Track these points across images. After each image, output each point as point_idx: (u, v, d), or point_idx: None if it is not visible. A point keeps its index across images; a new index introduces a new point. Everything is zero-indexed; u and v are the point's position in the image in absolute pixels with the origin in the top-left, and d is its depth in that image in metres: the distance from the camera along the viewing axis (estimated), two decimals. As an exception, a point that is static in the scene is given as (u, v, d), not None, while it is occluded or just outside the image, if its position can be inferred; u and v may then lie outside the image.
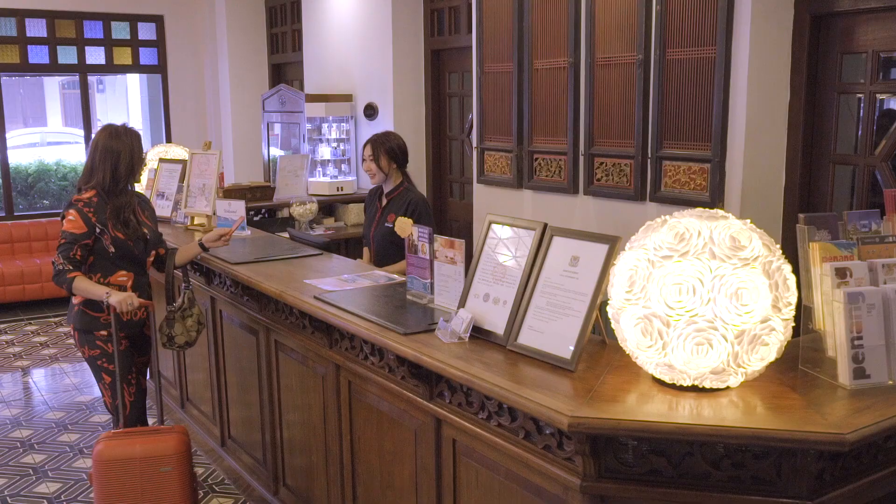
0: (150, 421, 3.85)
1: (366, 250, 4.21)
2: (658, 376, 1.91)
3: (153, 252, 3.43)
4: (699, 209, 1.92)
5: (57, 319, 7.05)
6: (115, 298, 3.07)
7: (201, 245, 3.54)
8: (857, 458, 1.81)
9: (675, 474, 1.80)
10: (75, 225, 3.12)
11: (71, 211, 3.13)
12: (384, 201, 4.15)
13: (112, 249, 3.20)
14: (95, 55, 8.31)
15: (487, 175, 5.03)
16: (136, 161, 3.25)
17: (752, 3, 3.45)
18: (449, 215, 6.25)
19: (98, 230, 3.15)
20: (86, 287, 3.11)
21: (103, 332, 3.28)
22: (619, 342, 1.98)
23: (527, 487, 2.06)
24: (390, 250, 4.01)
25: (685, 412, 1.78)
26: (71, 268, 3.11)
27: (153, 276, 3.67)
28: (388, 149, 4.13)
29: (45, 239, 7.74)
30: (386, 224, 4.09)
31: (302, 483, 3.34)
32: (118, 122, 3.41)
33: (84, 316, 3.28)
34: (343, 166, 6.69)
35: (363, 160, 4.16)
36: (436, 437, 2.39)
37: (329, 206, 6.38)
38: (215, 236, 3.50)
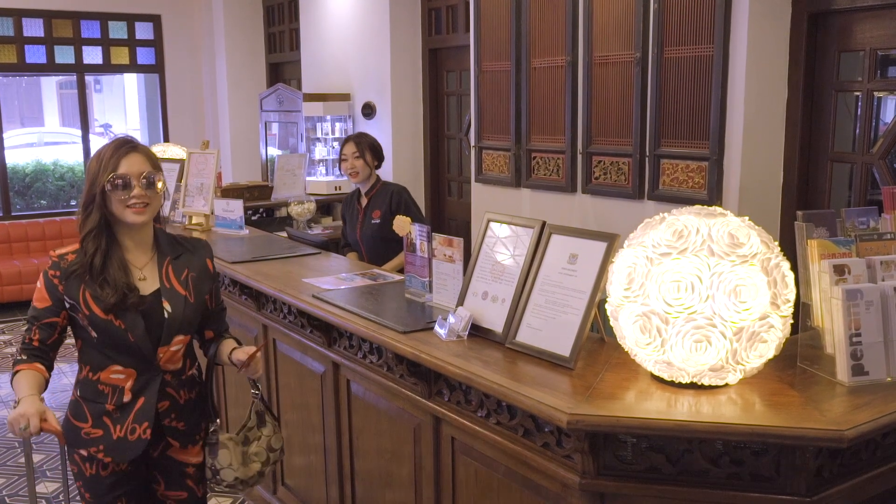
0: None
1: (354, 254, 4.20)
2: (657, 373, 1.91)
3: (181, 337, 2.23)
4: (697, 206, 1.92)
5: (55, 319, 7.04)
6: (13, 414, 2.10)
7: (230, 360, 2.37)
8: (855, 455, 1.81)
9: (674, 471, 1.80)
10: (39, 295, 2.19)
11: (41, 274, 2.21)
12: (364, 201, 4.15)
13: (93, 333, 2.14)
14: (93, 55, 8.30)
15: (485, 174, 5.03)
16: (99, 172, 2.12)
17: (749, 1, 3.45)
18: (447, 214, 6.25)
19: (68, 303, 2.15)
20: (16, 387, 2.17)
21: (83, 452, 2.26)
22: (618, 340, 1.98)
23: (526, 485, 2.06)
24: (381, 248, 4.01)
25: (684, 409, 1.78)
26: (23, 358, 2.21)
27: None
28: (371, 145, 4.14)
29: (42, 239, 7.74)
30: (373, 221, 4.09)
31: (301, 482, 3.34)
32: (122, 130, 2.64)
33: (66, 423, 2.30)
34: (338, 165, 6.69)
35: (343, 159, 4.11)
36: (434, 435, 2.39)
37: (327, 206, 6.38)
38: (244, 357, 2.28)
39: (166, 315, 2.19)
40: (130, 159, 2.13)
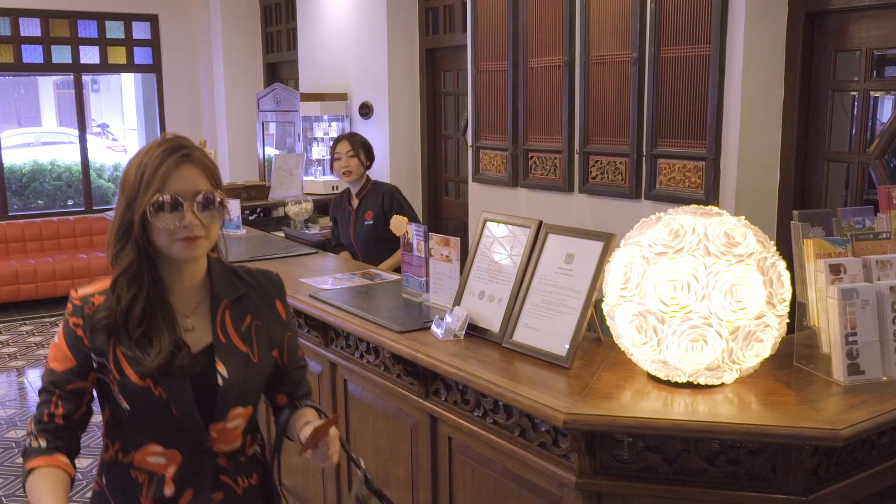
0: None
1: (345, 254, 4.20)
2: (653, 373, 1.91)
3: (241, 410, 1.67)
4: (694, 206, 1.92)
5: (52, 319, 7.03)
6: None
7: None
8: (851, 454, 1.81)
9: (670, 471, 1.81)
10: (57, 352, 1.60)
11: (61, 322, 1.64)
12: (356, 202, 4.14)
13: (125, 404, 1.58)
14: (90, 55, 8.29)
15: (482, 173, 5.03)
16: (139, 190, 1.54)
17: (746, 1, 3.46)
18: (444, 214, 6.25)
19: (96, 362, 1.58)
20: (32, 493, 1.54)
21: None
22: (615, 339, 1.98)
23: (522, 485, 2.06)
24: (376, 248, 4.01)
25: (680, 409, 1.78)
26: (40, 445, 1.57)
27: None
28: (364, 144, 4.13)
29: (39, 239, 7.73)
30: (366, 223, 4.08)
31: (298, 482, 3.34)
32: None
33: None
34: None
35: (337, 158, 4.08)
36: (431, 434, 2.39)
37: (324, 206, 6.37)
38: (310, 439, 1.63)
39: (220, 381, 1.60)
40: (183, 172, 1.53)
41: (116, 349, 1.56)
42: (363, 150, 4.10)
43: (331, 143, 6.60)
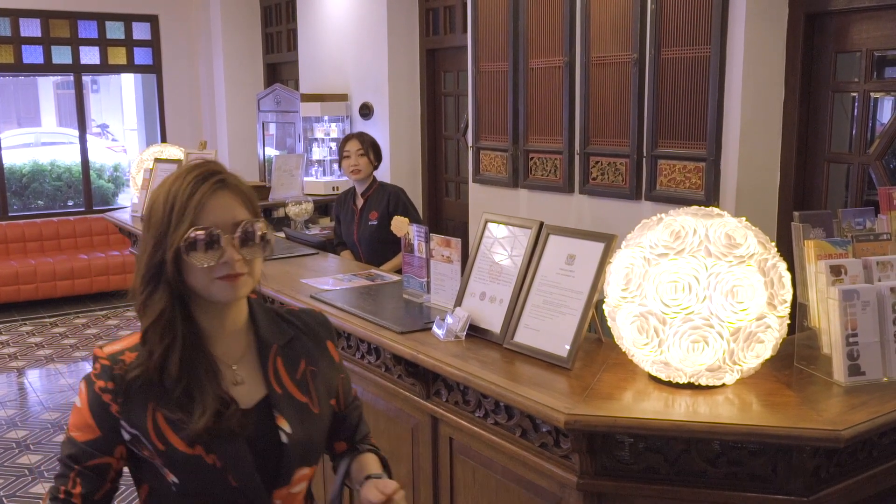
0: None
1: (347, 253, 4.20)
2: (654, 374, 1.91)
3: (306, 471, 1.49)
4: (695, 207, 1.92)
5: (52, 320, 7.04)
6: None
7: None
8: (852, 455, 1.81)
9: (671, 472, 1.81)
10: (79, 419, 1.40)
11: (81, 384, 1.42)
12: (360, 201, 4.15)
13: (172, 477, 1.38)
14: (90, 55, 8.29)
15: (483, 174, 5.03)
16: (170, 225, 1.36)
17: (746, 2, 3.46)
18: (444, 214, 6.25)
19: (128, 434, 1.38)
20: None
21: None
22: (616, 340, 1.98)
23: (523, 485, 2.06)
24: (379, 248, 4.01)
25: (681, 409, 1.79)
26: None
27: None
28: (372, 144, 4.15)
29: (39, 239, 7.73)
30: (370, 223, 4.09)
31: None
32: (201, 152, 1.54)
33: None
34: (336, 166, 6.69)
35: (345, 156, 4.10)
36: (432, 435, 2.39)
37: (325, 206, 6.38)
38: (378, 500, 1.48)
39: (284, 438, 1.41)
40: (219, 201, 1.35)
41: (156, 414, 1.34)
42: (372, 149, 4.12)
43: (331, 143, 6.63)
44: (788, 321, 1.87)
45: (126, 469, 1.44)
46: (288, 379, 1.46)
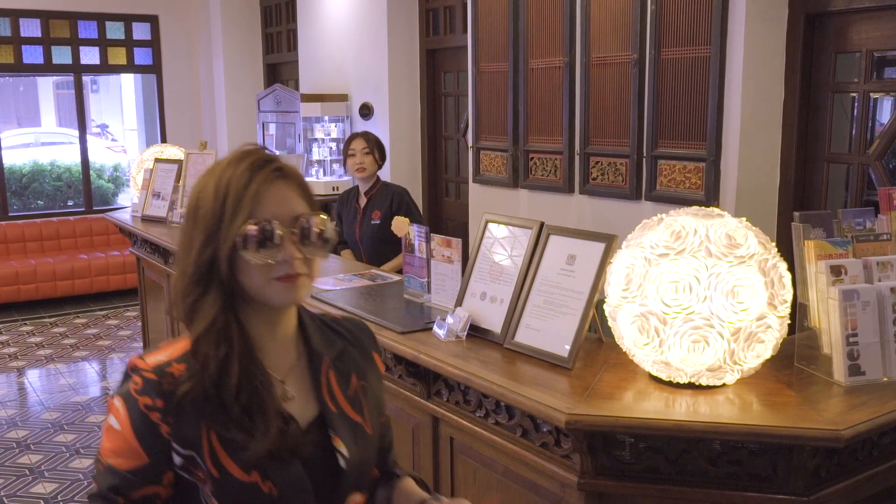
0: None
1: (348, 252, 4.21)
2: (655, 374, 1.92)
3: (359, 498, 1.36)
4: (695, 207, 1.93)
5: (52, 320, 7.04)
6: None
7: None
8: (852, 455, 1.82)
9: (672, 471, 1.81)
10: (118, 443, 1.20)
11: (115, 400, 1.22)
12: (364, 200, 4.15)
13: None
14: (90, 55, 8.29)
15: (483, 174, 5.04)
16: (224, 217, 1.20)
17: (746, 2, 3.46)
18: (444, 215, 6.25)
19: (181, 457, 1.20)
20: None
21: None
22: (616, 340, 1.99)
23: (524, 485, 2.07)
24: (381, 248, 4.02)
25: (682, 409, 1.79)
26: None
27: None
28: (378, 143, 4.17)
29: (39, 239, 7.73)
30: (373, 222, 4.09)
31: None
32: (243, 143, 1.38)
33: None
34: (336, 166, 6.69)
35: (351, 154, 4.12)
36: (433, 435, 2.40)
37: (325, 206, 6.38)
38: None
39: (341, 461, 1.27)
40: (277, 192, 1.21)
41: (211, 434, 1.17)
42: (377, 148, 4.14)
43: (331, 144, 6.64)
44: (789, 321, 1.87)
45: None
46: (341, 395, 1.31)
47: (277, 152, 7.18)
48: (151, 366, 1.18)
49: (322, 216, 1.25)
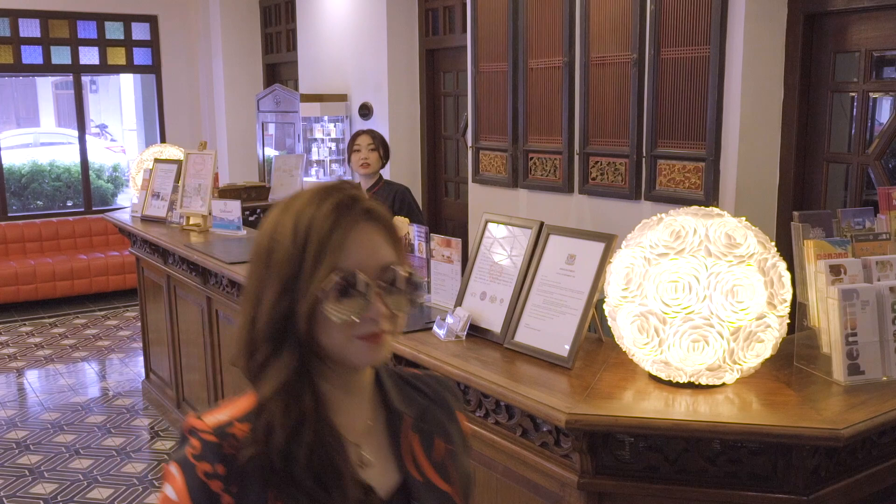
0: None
1: None
2: (654, 373, 1.92)
3: None
4: (694, 207, 1.93)
5: (51, 320, 7.04)
6: None
7: None
8: (852, 454, 1.82)
9: (671, 471, 1.81)
10: None
11: (171, 466, 1.06)
12: None
13: None
14: (89, 55, 8.29)
15: (482, 174, 5.04)
16: (304, 265, 1.04)
17: (745, 2, 3.47)
18: (444, 214, 6.25)
19: None
20: None
21: None
22: (616, 340, 1.99)
23: (524, 484, 2.07)
24: None
25: (681, 409, 1.79)
26: None
27: None
28: (383, 141, 4.20)
29: (38, 240, 7.73)
30: None
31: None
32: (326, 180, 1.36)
33: None
34: (336, 166, 6.69)
35: (356, 150, 4.15)
36: (433, 435, 2.39)
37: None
38: None
39: None
40: (364, 237, 1.07)
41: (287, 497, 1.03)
42: (382, 146, 4.18)
43: (330, 144, 6.64)
44: (788, 321, 1.87)
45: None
46: (426, 462, 1.16)
47: (277, 152, 7.20)
48: (211, 426, 1.04)
49: (407, 263, 1.12)
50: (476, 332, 2.35)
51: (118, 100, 14.88)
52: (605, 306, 1.99)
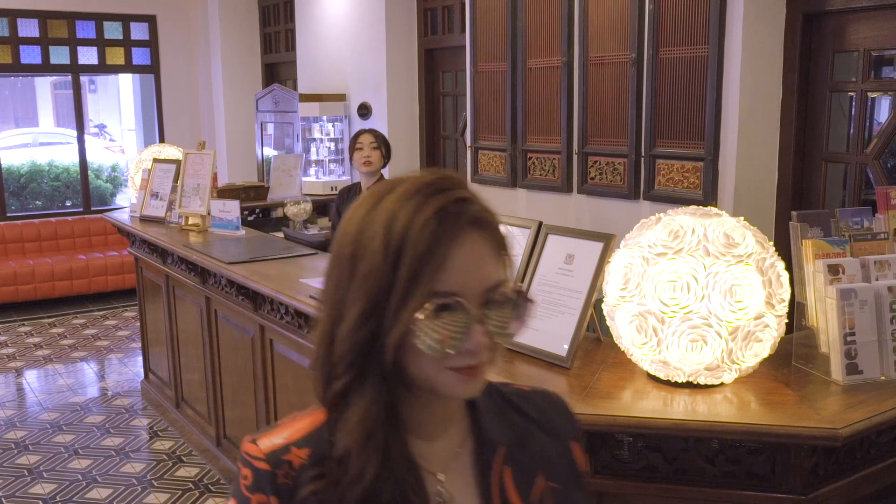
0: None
1: None
2: (653, 373, 1.92)
3: None
4: (693, 207, 1.93)
5: (50, 320, 7.03)
6: None
7: None
8: (850, 453, 1.82)
9: (670, 470, 1.81)
10: None
11: (230, 501, 0.96)
12: None
13: None
14: (88, 55, 8.28)
15: (481, 174, 5.04)
16: (397, 283, 0.87)
17: (744, 2, 3.47)
18: (443, 214, 6.25)
19: None
20: None
21: None
22: (615, 339, 1.99)
23: (523, 484, 2.06)
24: None
25: (680, 408, 1.79)
26: None
27: None
28: (385, 140, 4.23)
29: (37, 240, 7.72)
30: None
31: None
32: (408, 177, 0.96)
33: None
34: (335, 166, 6.69)
35: (358, 148, 4.18)
36: (432, 434, 2.39)
37: (323, 206, 6.39)
38: None
39: None
40: (468, 249, 0.89)
41: None
42: (384, 145, 4.21)
43: (329, 144, 6.64)
44: (786, 320, 1.87)
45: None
46: (519, 501, 0.98)
47: (276, 152, 7.20)
48: (265, 452, 0.93)
49: (514, 279, 0.95)
50: (475, 332, 2.35)
51: (117, 100, 14.87)
52: (603, 306, 1.99)
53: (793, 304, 1.96)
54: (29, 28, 7.92)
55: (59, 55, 8.12)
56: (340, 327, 0.90)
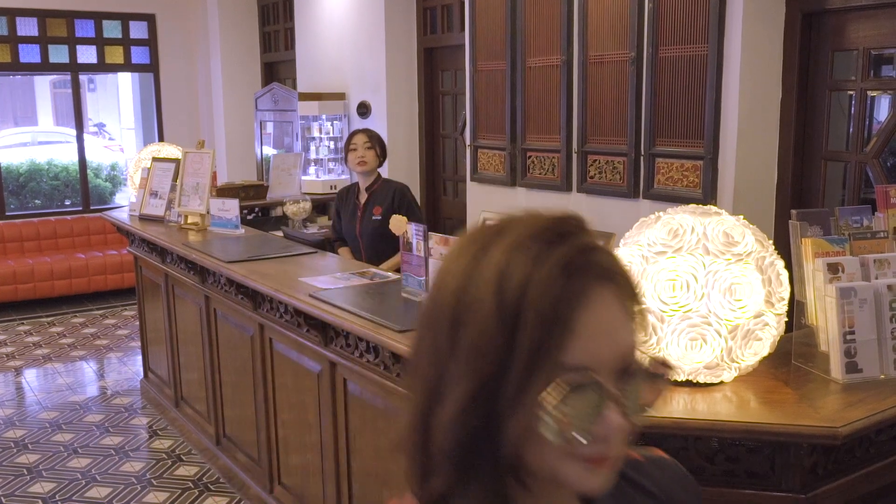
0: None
1: (346, 250, 4.23)
2: (652, 372, 1.92)
3: None
4: (692, 206, 1.93)
5: (49, 319, 7.03)
6: None
7: None
8: (849, 452, 1.82)
9: (669, 469, 1.81)
10: None
11: None
12: (364, 196, 4.17)
13: None
14: (87, 54, 8.28)
15: (481, 173, 5.04)
16: (517, 356, 0.68)
17: (743, 1, 3.47)
18: (442, 213, 6.25)
19: None
20: None
21: None
22: (614, 338, 1.98)
23: (522, 483, 2.06)
24: (381, 245, 4.03)
25: (679, 407, 1.79)
26: None
27: None
28: (380, 139, 4.22)
29: (37, 239, 7.72)
30: (374, 217, 4.11)
31: (297, 481, 3.34)
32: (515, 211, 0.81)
33: None
34: (334, 164, 6.69)
35: (353, 149, 4.16)
36: (431, 433, 2.39)
37: (322, 205, 6.39)
38: None
39: None
40: (603, 312, 0.72)
41: None
42: (379, 144, 4.19)
43: (329, 143, 6.63)
44: (786, 319, 1.87)
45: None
46: None
47: (275, 151, 7.19)
48: None
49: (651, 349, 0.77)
50: (474, 331, 2.35)
51: (116, 98, 14.86)
52: (603, 305, 1.99)
53: (792, 302, 1.96)
54: (28, 27, 7.91)
55: (59, 54, 8.11)
56: (440, 411, 0.73)
